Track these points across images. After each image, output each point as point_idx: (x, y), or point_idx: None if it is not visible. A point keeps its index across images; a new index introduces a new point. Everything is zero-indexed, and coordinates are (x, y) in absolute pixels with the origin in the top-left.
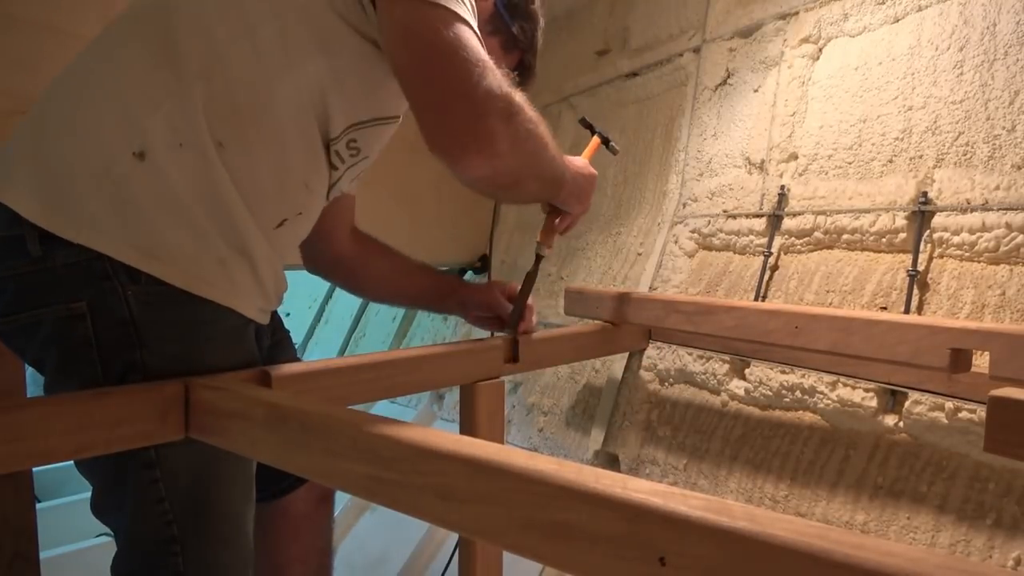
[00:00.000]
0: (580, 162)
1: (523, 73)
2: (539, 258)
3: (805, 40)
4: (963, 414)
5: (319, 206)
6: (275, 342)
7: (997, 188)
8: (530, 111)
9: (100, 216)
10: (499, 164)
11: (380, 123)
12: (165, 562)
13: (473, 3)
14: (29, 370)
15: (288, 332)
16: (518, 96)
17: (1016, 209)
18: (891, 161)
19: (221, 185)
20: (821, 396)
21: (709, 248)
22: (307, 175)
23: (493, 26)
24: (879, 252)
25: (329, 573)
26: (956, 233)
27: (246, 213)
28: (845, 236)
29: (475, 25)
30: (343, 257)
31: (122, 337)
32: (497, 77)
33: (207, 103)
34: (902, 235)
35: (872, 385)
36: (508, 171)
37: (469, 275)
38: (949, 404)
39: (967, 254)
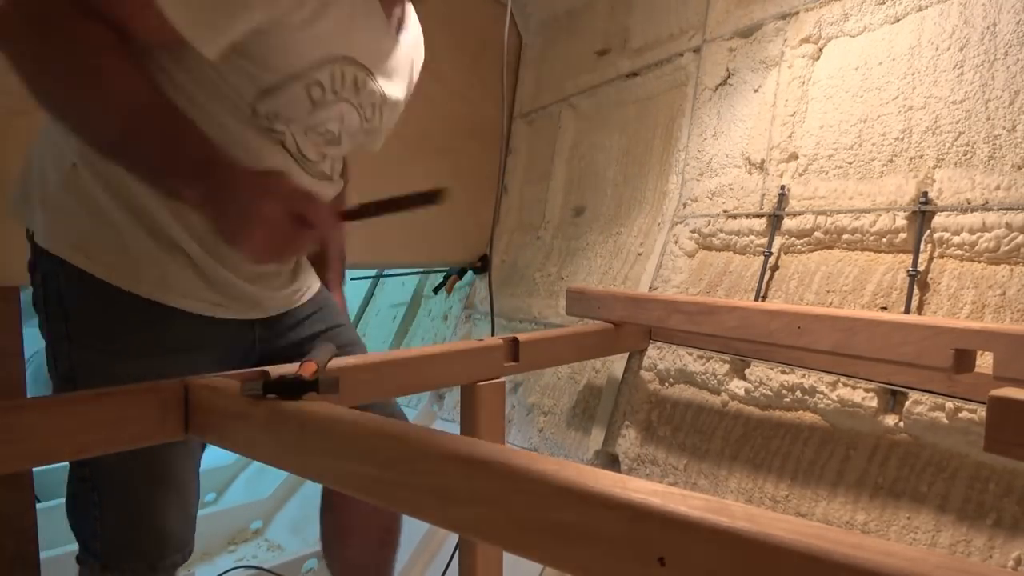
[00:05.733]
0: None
1: None
2: None
3: (805, 40)
4: (964, 414)
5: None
6: (314, 333)
7: (997, 188)
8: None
9: (37, 211)
10: None
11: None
12: (92, 524)
13: None
14: (29, 370)
15: (337, 323)
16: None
17: (1016, 209)
18: (891, 161)
19: (134, 190)
20: (821, 396)
21: (709, 248)
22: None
23: None
24: (879, 252)
25: (392, 549)
26: (956, 233)
27: (166, 214)
28: (845, 236)
29: None
30: None
31: (56, 309)
32: None
33: None
34: (902, 235)
35: (872, 385)
36: None
37: (469, 275)
38: (949, 404)
39: (967, 254)
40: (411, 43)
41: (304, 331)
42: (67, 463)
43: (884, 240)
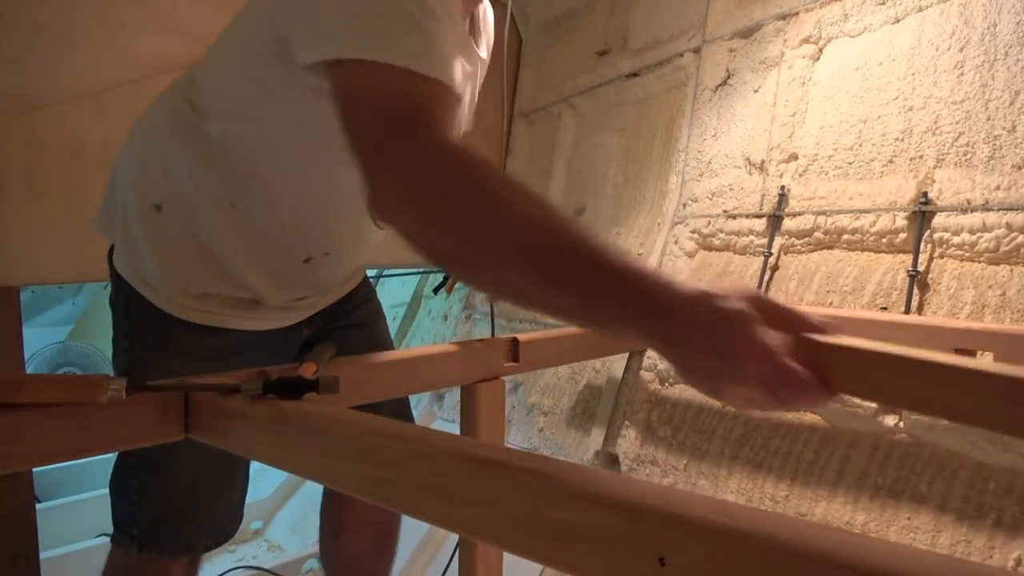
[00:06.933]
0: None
1: None
2: None
3: (805, 40)
4: None
5: (357, 240)
6: (356, 323)
7: (997, 188)
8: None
9: (118, 236)
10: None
11: None
12: (130, 509)
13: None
14: (29, 369)
15: (373, 320)
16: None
17: (1016, 209)
18: (891, 161)
19: (219, 239)
20: None
21: (709, 248)
22: (328, 222)
23: None
24: (879, 252)
25: (386, 554)
26: (956, 233)
27: (242, 264)
28: (845, 236)
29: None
30: None
31: (124, 307)
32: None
33: (226, 172)
34: (902, 235)
35: None
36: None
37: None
38: None
39: (967, 254)
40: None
41: (347, 320)
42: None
43: (884, 240)
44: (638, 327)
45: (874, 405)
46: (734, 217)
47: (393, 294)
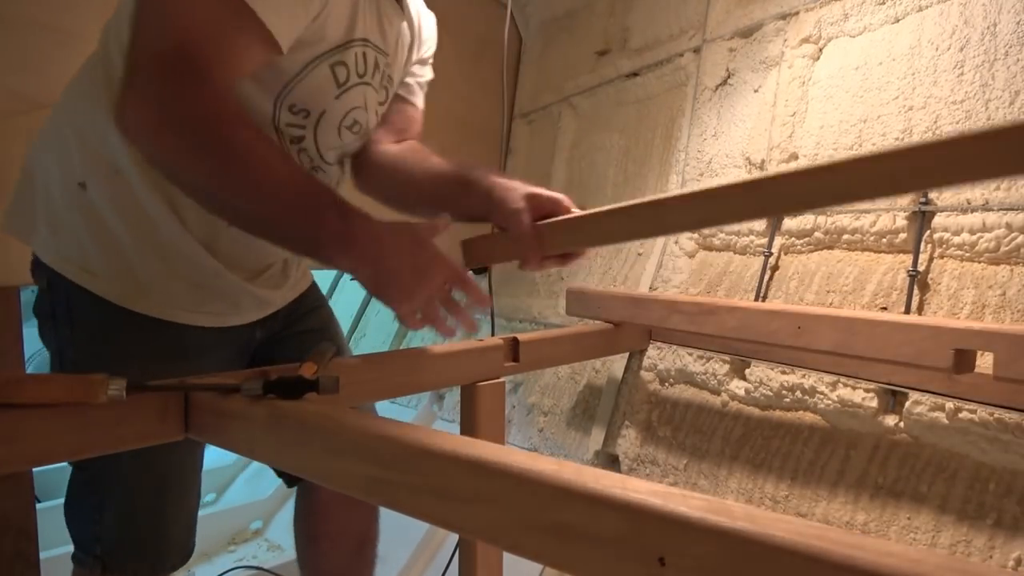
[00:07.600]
0: (400, 229)
1: None
2: None
3: (805, 40)
4: (964, 414)
5: None
6: (310, 329)
7: (997, 188)
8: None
9: (41, 228)
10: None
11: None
12: (91, 527)
13: None
14: (29, 369)
15: (328, 326)
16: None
17: (1016, 209)
18: None
19: (146, 204)
20: (821, 396)
21: (709, 248)
22: None
23: None
24: (879, 252)
25: (364, 558)
26: (956, 233)
27: (177, 228)
28: (845, 236)
29: None
30: (378, 165)
31: (64, 314)
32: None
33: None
34: (902, 235)
35: (872, 385)
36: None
37: (469, 275)
38: (949, 404)
39: (967, 254)
40: (411, 22)
41: (301, 325)
42: (67, 464)
43: (884, 240)
44: (339, 253)
45: (874, 405)
46: None
47: None
